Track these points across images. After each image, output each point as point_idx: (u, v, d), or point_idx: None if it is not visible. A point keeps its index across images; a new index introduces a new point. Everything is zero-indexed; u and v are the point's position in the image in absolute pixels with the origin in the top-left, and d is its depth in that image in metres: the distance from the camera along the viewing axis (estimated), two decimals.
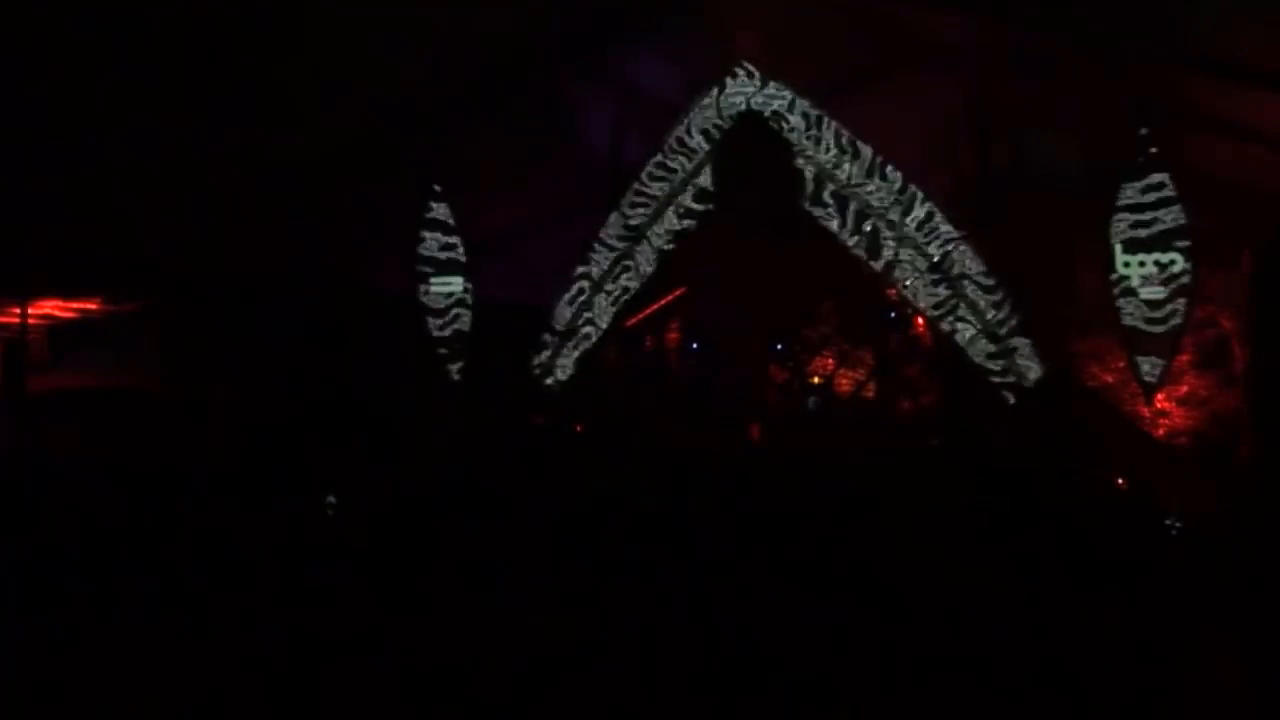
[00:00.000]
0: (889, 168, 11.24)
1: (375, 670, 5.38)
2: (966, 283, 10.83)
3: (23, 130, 8.29)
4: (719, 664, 5.34)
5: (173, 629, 5.95)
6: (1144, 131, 8.82)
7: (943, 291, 10.97)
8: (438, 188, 11.31)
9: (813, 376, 14.88)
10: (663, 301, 15.36)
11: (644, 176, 12.53)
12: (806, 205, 11.76)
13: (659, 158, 12.46)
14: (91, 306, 11.73)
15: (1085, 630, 5.70)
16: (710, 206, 12.37)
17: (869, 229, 11.38)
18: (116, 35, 7.66)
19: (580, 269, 12.64)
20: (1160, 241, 8.82)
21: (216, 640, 5.80)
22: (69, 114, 8.35)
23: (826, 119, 11.51)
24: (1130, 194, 8.94)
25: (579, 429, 12.81)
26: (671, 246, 12.64)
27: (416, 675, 5.35)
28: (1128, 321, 9.08)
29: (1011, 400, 10.48)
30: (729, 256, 13.58)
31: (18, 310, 10.93)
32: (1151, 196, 8.85)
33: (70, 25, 7.44)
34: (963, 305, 10.83)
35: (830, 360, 14.77)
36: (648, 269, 12.69)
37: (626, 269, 12.65)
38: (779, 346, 15.06)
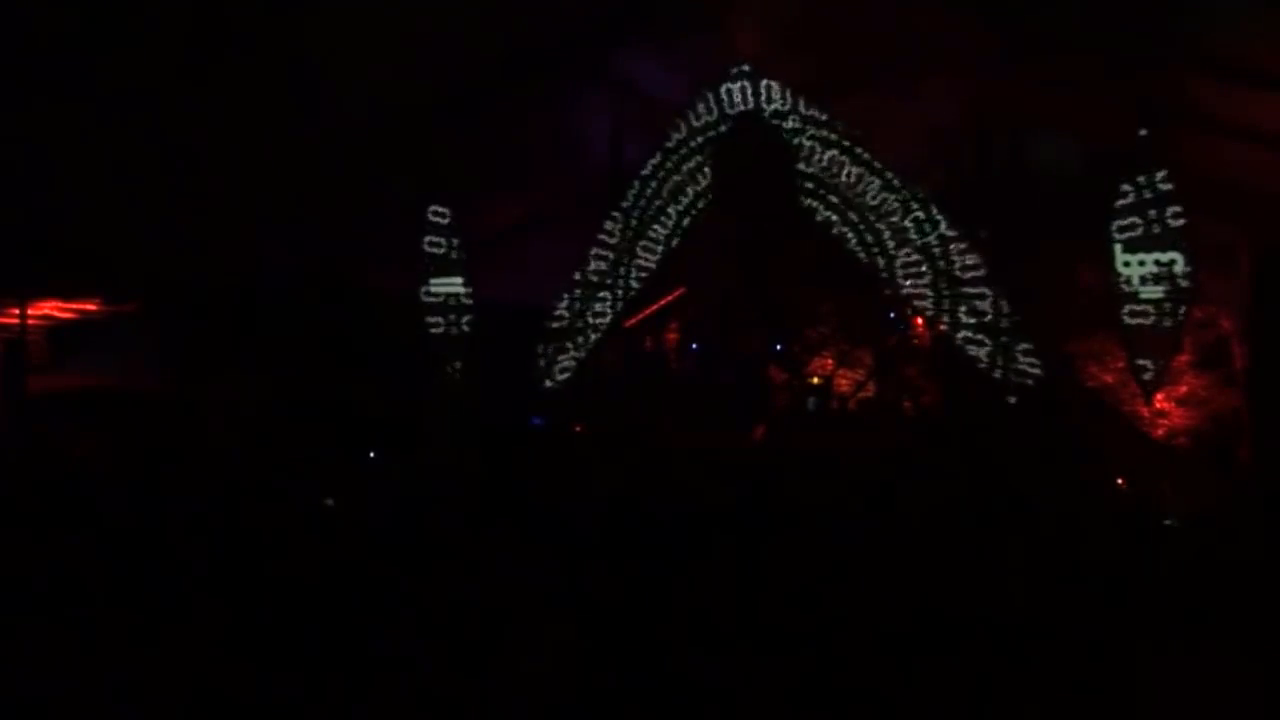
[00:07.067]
0: (888, 168, 11.24)
1: (374, 669, 5.38)
2: (966, 282, 10.83)
3: (22, 130, 8.30)
4: (722, 663, 5.34)
5: (173, 628, 5.95)
6: (1144, 131, 8.82)
7: (942, 291, 10.97)
8: (438, 188, 11.32)
9: (813, 376, 14.88)
10: (663, 301, 15.37)
11: (644, 177, 12.55)
12: (806, 205, 11.76)
13: (659, 158, 12.47)
14: (91, 307, 11.73)
15: (1085, 630, 5.70)
16: (710, 206, 12.37)
17: (869, 229, 11.39)
18: (116, 36, 7.67)
19: (580, 269, 12.65)
20: (1160, 241, 8.82)
21: (217, 639, 5.80)
22: (69, 114, 8.36)
23: (826, 119, 11.52)
24: (1130, 194, 8.94)
25: (578, 430, 12.81)
26: (672, 246, 12.66)
27: (416, 674, 5.35)
28: (1127, 321, 9.08)
29: (1011, 400, 10.48)
30: (729, 256, 13.59)
31: (18, 310, 10.93)
32: (1152, 196, 8.86)
33: (71, 25, 7.45)
34: (962, 305, 10.83)
35: (830, 360, 14.77)
36: (648, 269, 12.70)
37: (627, 269, 12.66)
38: (779, 347, 15.06)
